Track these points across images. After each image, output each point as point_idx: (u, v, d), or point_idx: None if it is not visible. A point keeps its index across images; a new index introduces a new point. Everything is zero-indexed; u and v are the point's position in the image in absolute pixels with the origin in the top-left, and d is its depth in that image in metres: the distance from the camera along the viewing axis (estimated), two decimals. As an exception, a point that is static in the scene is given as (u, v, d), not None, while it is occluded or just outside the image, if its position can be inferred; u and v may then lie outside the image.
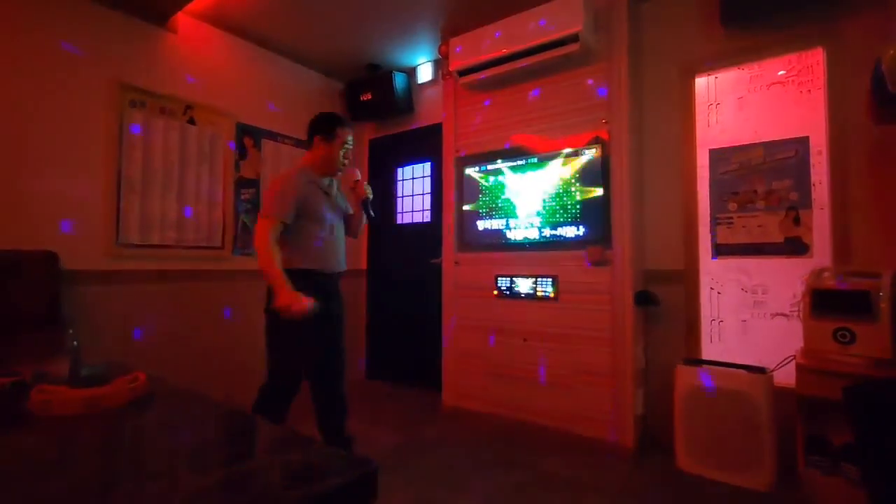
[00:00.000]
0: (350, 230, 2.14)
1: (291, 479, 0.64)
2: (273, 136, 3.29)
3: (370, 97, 3.60)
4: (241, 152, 3.09)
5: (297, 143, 3.44)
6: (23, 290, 2.02)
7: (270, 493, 0.59)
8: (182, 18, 2.77)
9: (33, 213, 2.19)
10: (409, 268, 3.72)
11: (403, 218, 3.88)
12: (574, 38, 2.38)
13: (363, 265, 4.00)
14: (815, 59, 2.17)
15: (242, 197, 3.09)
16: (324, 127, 1.97)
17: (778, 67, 2.27)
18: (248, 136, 3.14)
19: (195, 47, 2.86)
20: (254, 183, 3.16)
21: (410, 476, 2.11)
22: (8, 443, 0.81)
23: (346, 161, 2.02)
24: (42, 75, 2.23)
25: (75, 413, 0.87)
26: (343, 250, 2.02)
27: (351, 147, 2.02)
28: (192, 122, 2.82)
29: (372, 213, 2.10)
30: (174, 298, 2.70)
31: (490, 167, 2.83)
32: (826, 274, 1.90)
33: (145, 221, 2.59)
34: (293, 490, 0.60)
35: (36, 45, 2.22)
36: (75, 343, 1.06)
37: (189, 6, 2.61)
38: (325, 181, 1.99)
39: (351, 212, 2.14)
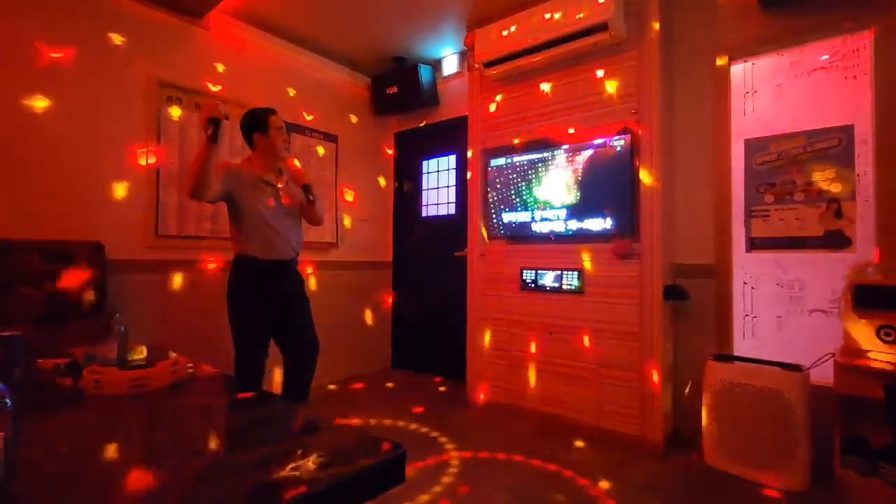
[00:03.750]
0: (310, 218, 2.33)
1: (323, 460, 0.67)
2: (302, 130, 3.36)
3: (396, 90, 3.62)
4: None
5: (326, 138, 3.50)
6: (73, 279, 2.15)
7: (304, 472, 0.62)
8: (215, 15, 2.84)
9: (82, 205, 2.31)
10: (434, 260, 3.74)
11: (429, 211, 3.90)
12: (603, 27, 2.32)
13: (389, 257, 4.05)
14: (862, 43, 2.06)
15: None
16: (257, 122, 2.13)
17: (820, 52, 2.16)
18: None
19: (227, 44, 2.94)
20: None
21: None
22: (63, 418, 0.88)
23: (286, 146, 2.22)
24: (89, 74, 2.34)
25: (123, 393, 0.93)
26: (287, 239, 2.16)
27: (283, 129, 2.17)
28: (225, 117, 2.89)
29: (311, 198, 2.22)
30: (208, 287, 2.80)
31: (516, 159, 2.81)
32: (870, 269, 1.82)
33: (182, 214, 2.70)
34: (325, 470, 0.63)
35: (81, 44, 2.32)
36: (123, 328, 1.13)
37: (222, 4, 2.68)
38: (269, 176, 2.13)
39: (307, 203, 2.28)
